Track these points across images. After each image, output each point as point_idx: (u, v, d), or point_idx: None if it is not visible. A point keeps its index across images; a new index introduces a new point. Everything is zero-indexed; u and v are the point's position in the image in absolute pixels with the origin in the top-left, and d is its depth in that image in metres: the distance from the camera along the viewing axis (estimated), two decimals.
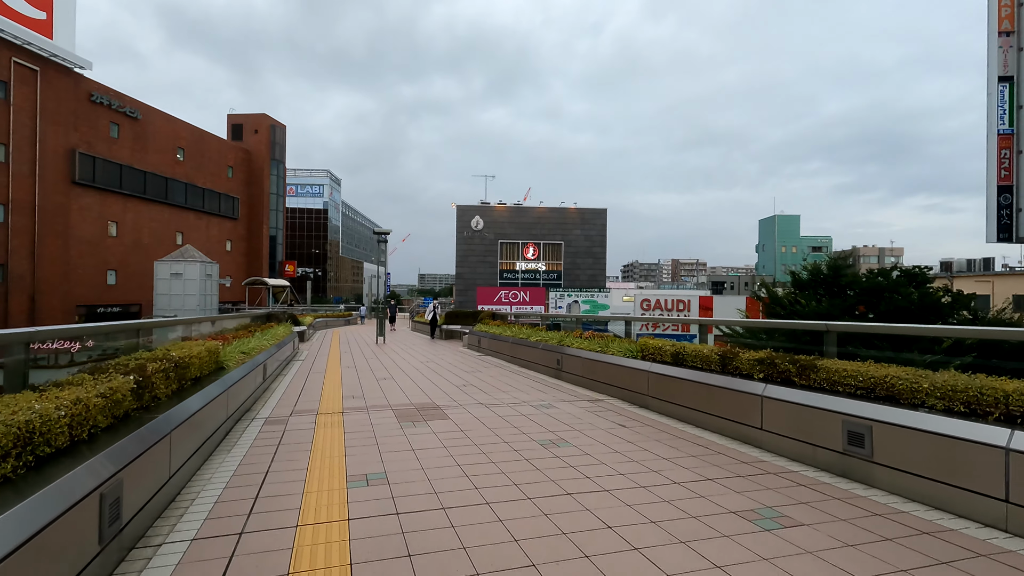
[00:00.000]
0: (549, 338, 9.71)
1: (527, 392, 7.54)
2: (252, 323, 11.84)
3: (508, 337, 11.79)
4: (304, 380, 8.65)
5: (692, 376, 5.65)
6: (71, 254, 34.89)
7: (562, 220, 34.38)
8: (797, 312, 16.71)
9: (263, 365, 7.22)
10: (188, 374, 4.37)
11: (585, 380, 7.89)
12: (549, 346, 9.26)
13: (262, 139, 54.99)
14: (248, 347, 7.04)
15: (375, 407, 6.37)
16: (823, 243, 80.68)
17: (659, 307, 30.86)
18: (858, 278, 17.61)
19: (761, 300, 19.53)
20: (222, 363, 5.61)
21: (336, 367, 10.55)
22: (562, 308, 24.89)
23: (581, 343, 8.42)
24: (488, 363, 11.40)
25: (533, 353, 10.03)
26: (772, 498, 3.40)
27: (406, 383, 8.42)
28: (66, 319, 35.11)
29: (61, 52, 33.81)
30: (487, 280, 32.83)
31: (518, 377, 9.10)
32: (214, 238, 47.29)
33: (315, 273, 74.95)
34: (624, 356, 7.13)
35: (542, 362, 9.53)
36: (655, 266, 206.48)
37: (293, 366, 10.71)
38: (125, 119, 38.71)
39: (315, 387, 7.91)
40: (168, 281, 28.62)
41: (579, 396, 7.20)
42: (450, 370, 10.15)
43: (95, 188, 36.23)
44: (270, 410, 6.12)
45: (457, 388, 7.89)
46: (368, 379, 8.89)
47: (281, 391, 7.50)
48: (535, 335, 10.50)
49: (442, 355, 13.33)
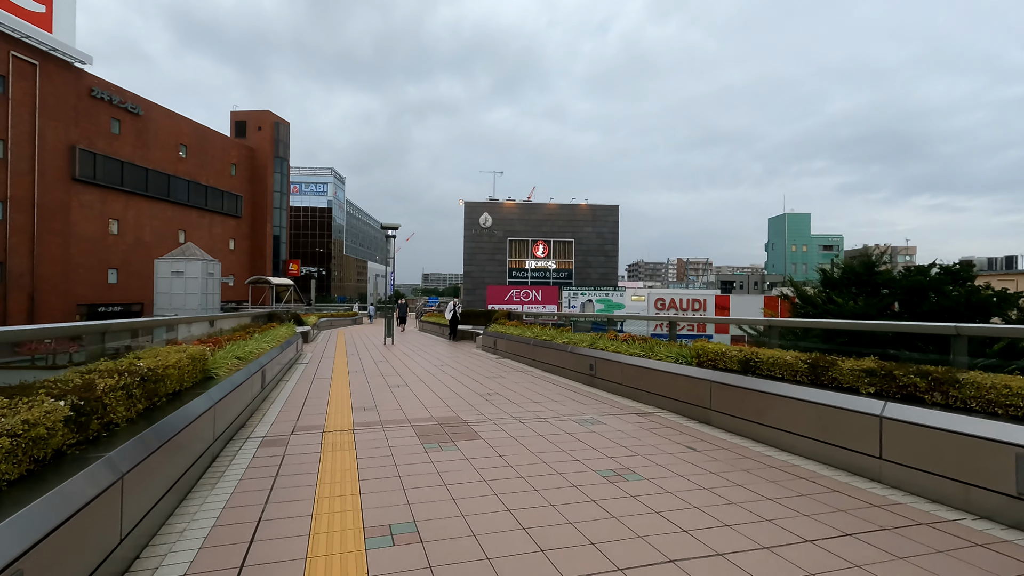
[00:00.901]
0: (578, 340, 8.76)
1: (562, 403, 6.60)
2: (252, 323, 10.96)
3: (529, 339, 10.85)
4: (308, 387, 7.74)
5: (770, 388, 4.69)
6: (71, 252, 34.20)
7: (573, 217, 33.37)
8: (831, 311, 15.70)
9: (262, 371, 6.32)
10: (162, 388, 3.46)
11: (626, 389, 6.95)
12: (580, 350, 8.32)
13: (266, 136, 54.25)
14: (244, 351, 6.13)
15: (391, 422, 5.45)
16: (834, 242, 79.36)
17: (674, 306, 29.85)
18: (894, 276, 16.61)
19: (788, 299, 18.56)
20: (211, 371, 4.71)
21: (343, 372, 9.65)
22: (576, 307, 23.89)
23: (619, 347, 7.47)
24: (508, 367, 10.47)
25: (561, 357, 9.09)
26: (968, 573, 2.45)
27: (423, 392, 7.50)
28: (66, 318, 34.46)
29: (61, 46, 33.11)
30: (496, 278, 31.87)
31: (547, 384, 8.16)
32: (217, 236, 46.58)
33: (319, 272, 74.27)
34: (675, 362, 6.18)
35: (571, 367, 8.59)
36: (660, 265, 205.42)
37: (296, 370, 9.82)
38: (127, 115, 37.99)
39: (320, 396, 7.00)
40: (169, 280, 27.81)
41: (623, 408, 6.26)
42: (469, 375, 9.23)
43: (96, 185, 35.52)
44: (268, 426, 5.21)
45: (481, 398, 6.97)
46: (380, 386, 7.98)
47: (282, 401, 6.59)
48: (560, 336, 9.56)
49: (457, 358, 12.41)
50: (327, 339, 18.92)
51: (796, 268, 79.15)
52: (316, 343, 16.93)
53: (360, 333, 23.10)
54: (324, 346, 15.49)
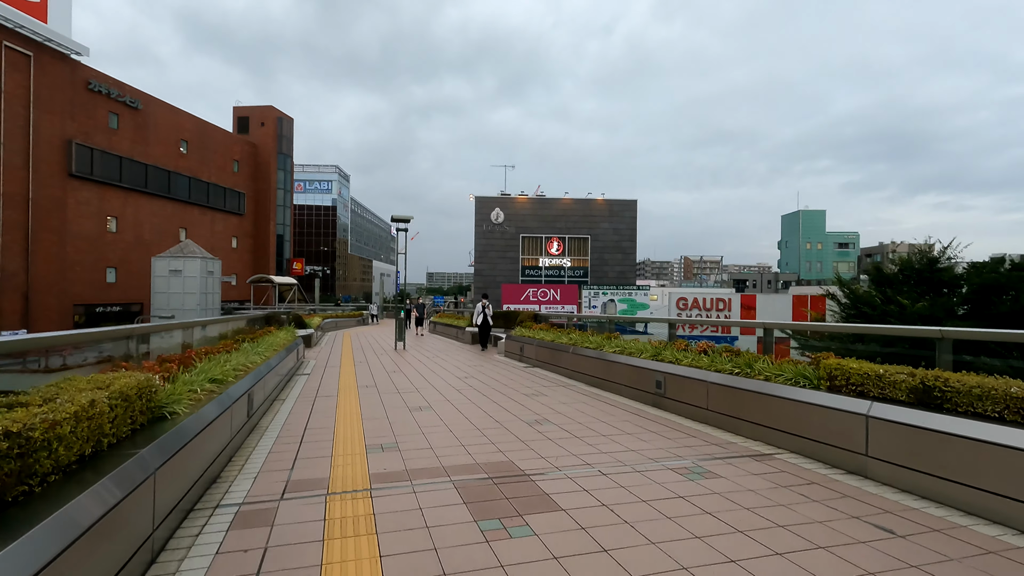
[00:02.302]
0: (635, 349, 7.22)
1: (637, 436, 5.07)
2: (247, 328, 9.49)
3: (566, 346, 9.32)
4: (309, 410, 6.24)
5: (985, 434, 3.16)
6: (68, 251, 32.98)
7: (588, 212, 31.67)
8: (891, 313, 14.09)
9: (248, 396, 4.83)
10: (44, 462, 1.96)
11: (716, 416, 5.41)
12: (642, 362, 6.77)
13: (269, 132, 52.97)
14: (223, 369, 4.64)
15: (422, 474, 3.93)
16: (850, 239, 77.33)
17: (697, 306, 28.24)
18: (959, 273, 15.04)
19: (834, 299, 17.03)
20: (165, 409, 3.21)
21: (351, 386, 8.15)
22: (596, 308, 22.29)
23: (697, 360, 5.93)
24: (544, 380, 8.95)
25: (611, 369, 7.56)
26: None
27: (453, 417, 5.98)
28: (62, 319, 33.30)
29: (56, 37, 31.85)
30: (508, 277, 30.28)
31: (601, 405, 6.64)
32: (219, 234, 45.33)
33: (324, 271, 73.02)
34: (793, 384, 4.64)
35: (629, 382, 7.05)
36: (667, 264, 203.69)
37: (296, 384, 8.34)
38: (125, 109, 36.73)
39: (324, 424, 5.50)
40: (167, 279, 26.49)
41: (724, 446, 4.72)
42: (502, 391, 7.71)
43: (93, 181, 34.29)
44: (250, 481, 3.71)
45: (529, 427, 5.44)
46: (397, 408, 6.47)
47: (274, 433, 5.09)
48: (609, 344, 8.01)
49: (481, 367, 10.90)
50: (332, 343, 17.46)
51: (811, 266, 77.16)
52: (320, 347, 15.47)
53: (367, 336, 21.63)
54: (329, 352, 14.02)
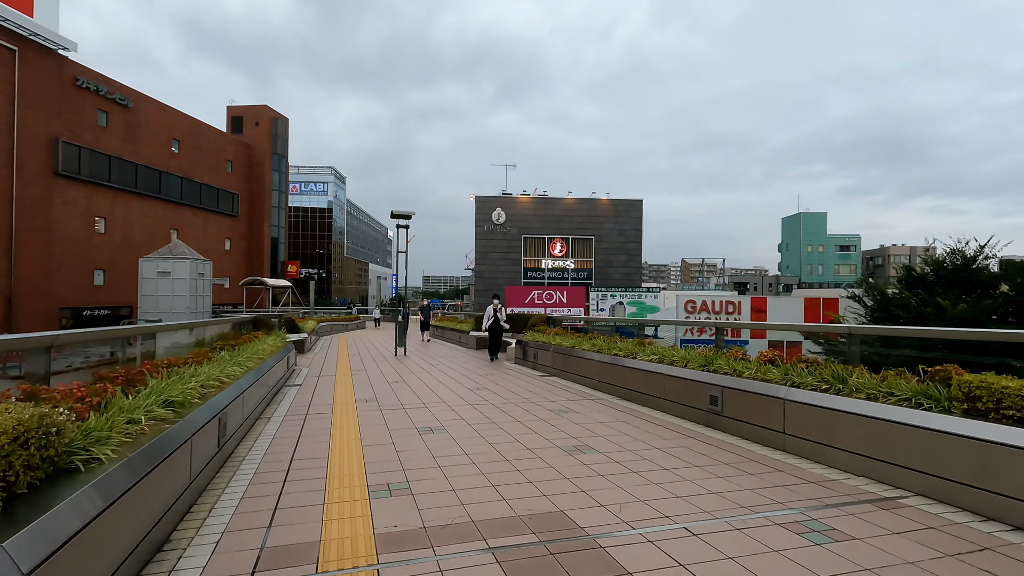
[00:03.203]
0: (680, 358, 6.21)
1: (709, 470, 4.05)
2: (231, 332, 8.45)
3: (590, 353, 8.30)
4: (296, 437, 5.18)
5: None
6: (53, 252, 31.78)
7: (592, 212, 30.70)
8: (928, 315, 13.14)
9: (216, 422, 3.80)
10: None
11: (795, 442, 4.40)
12: (691, 374, 5.76)
13: (263, 132, 51.88)
14: (186, 387, 3.61)
15: (445, 532, 2.90)
16: (851, 242, 76.72)
17: (706, 309, 27.26)
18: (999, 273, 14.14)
19: (860, 302, 16.10)
20: (76, 457, 2.19)
21: (348, 401, 7.12)
22: (604, 310, 21.30)
23: (766, 372, 4.93)
24: (567, 391, 7.94)
25: (650, 381, 6.54)
26: None
27: (474, 444, 4.94)
28: (48, 322, 32.03)
29: (42, 31, 30.74)
30: (510, 279, 29.26)
31: (644, 424, 5.63)
32: (212, 236, 44.14)
33: (319, 274, 71.83)
34: (905, 405, 3.65)
35: (674, 397, 6.04)
36: (663, 267, 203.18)
37: (284, 398, 7.29)
38: (114, 106, 35.60)
39: (315, 457, 4.46)
40: (155, 281, 25.28)
41: (824, 484, 3.71)
42: (524, 408, 6.69)
43: (80, 180, 33.13)
44: (207, 553, 2.66)
45: (571, 457, 4.41)
46: (404, 431, 5.44)
47: (250, 471, 4.04)
48: (644, 352, 7.01)
49: (492, 376, 9.87)
50: (327, 348, 16.40)
51: (812, 269, 76.49)
52: (314, 353, 14.41)
53: (364, 340, 20.55)
54: (323, 358, 12.97)
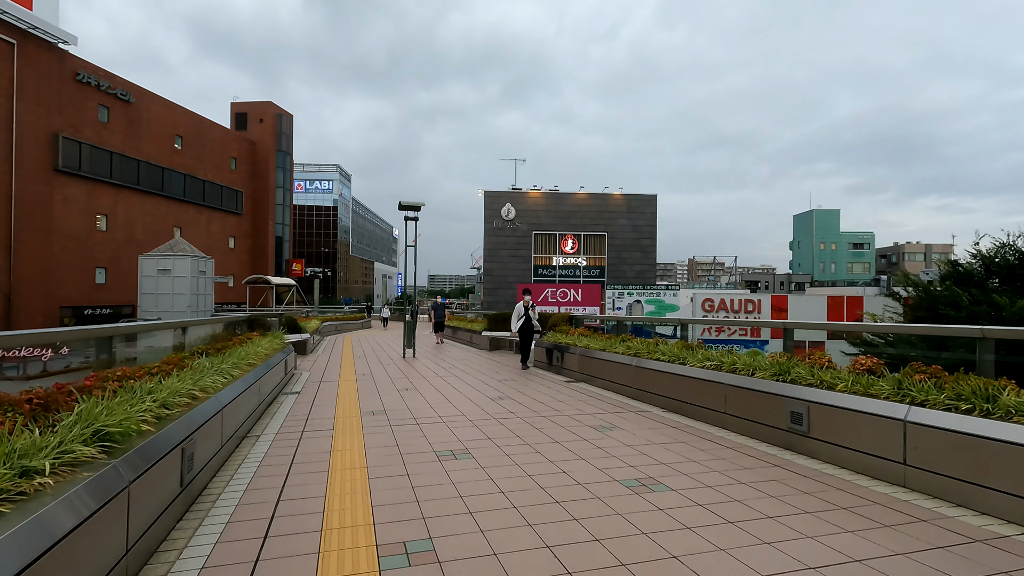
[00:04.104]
0: (745, 365, 5.31)
1: (828, 519, 3.20)
2: (223, 334, 7.64)
3: (625, 358, 7.42)
4: (287, 465, 4.28)
5: None
6: (54, 250, 31.20)
7: (605, 208, 29.76)
8: (981, 314, 12.14)
9: (178, 453, 2.97)
10: None
11: (928, 478, 3.51)
12: (762, 384, 4.86)
13: (268, 129, 51.22)
14: (134, 411, 2.77)
15: None
16: (865, 239, 75.25)
17: (724, 307, 26.31)
18: None
19: (899, 299, 15.10)
20: None
21: (352, 414, 6.30)
22: (621, 309, 20.42)
23: (871, 384, 4.02)
24: (601, 401, 7.09)
25: (707, 392, 5.65)
26: None
27: (510, 477, 4.08)
28: (48, 321, 31.46)
29: (42, 24, 30.11)
30: (520, 276, 28.39)
31: (708, 446, 4.77)
32: (216, 234, 43.54)
33: (324, 273, 71.26)
34: None
35: (739, 411, 5.14)
36: (670, 266, 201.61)
37: (280, 409, 6.48)
38: (116, 102, 34.96)
39: (309, 497, 3.63)
40: (155, 279, 24.61)
41: (994, 542, 2.85)
42: (558, 422, 5.85)
43: (81, 177, 32.53)
44: None
45: (640, 499, 3.56)
46: (420, 456, 4.60)
47: (220, 522, 3.17)
48: (694, 356, 6.12)
49: (513, 382, 9.02)
50: (330, 349, 15.62)
51: (824, 267, 75.12)
52: (317, 355, 13.63)
53: (370, 340, 19.76)
54: (326, 361, 12.17)
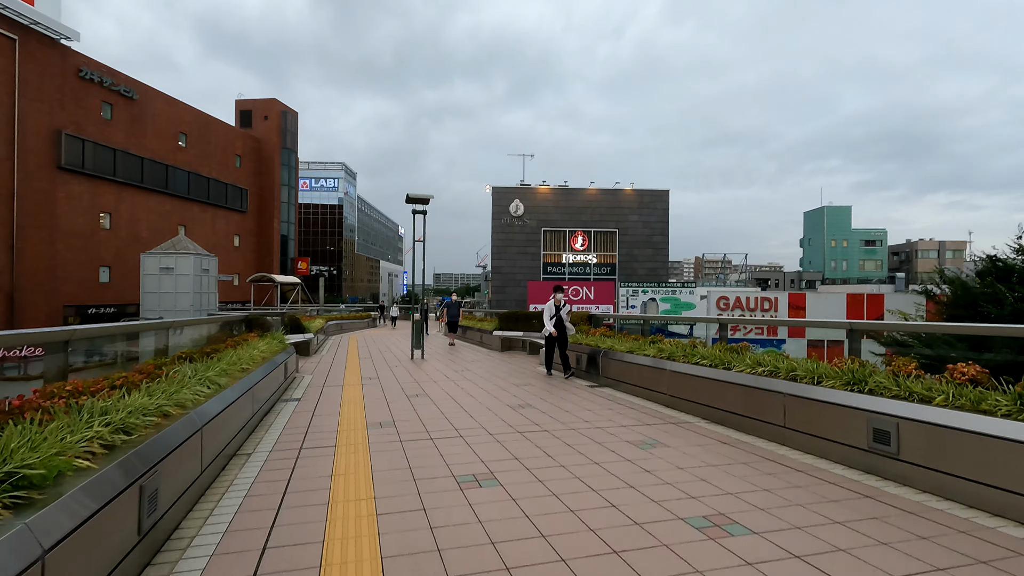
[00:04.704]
0: (804, 372, 4.62)
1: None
2: (218, 335, 7.03)
3: (660, 361, 6.75)
4: (277, 503, 3.56)
5: None
6: (57, 248, 30.84)
7: (616, 204, 29.02)
8: None
9: (132, 496, 2.34)
10: None
11: None
12: (834, 395, 4.18)
13: (272, 126, 50.81)
14: (63, 447, 2.14)
15: None
16: (877, 236, 73.98)
17: (739, 306, 25.56)
18: None
19: (933, 297, 14.26)
20: None
21: (357, 426, 5.66)
22: (635, 307, 19.77)
23: (991, 399, 3.33)
24: (633, 410, 6.42)
25: (767, 404, 4.97)
26: None
27: (549, 514, 3.41)
28: (52, 320, 31.10)
29: (44, 20, 29.71)
30: (528, 274, 27.74)
31: (779, 469, 4.10)
32: (220, 232, 43.15)
33: (330, 271, 70.91)
34: None
35: (804, 427, 4.47)
36: (676, 264, 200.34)
37: (276, 419, 5.86)
38: (120, 99, 34.56)
39: (303, 544, 3.00)
40: (157, 277, 24.17)
41: None
42: (592, 437, 5.19)
43: (85, 175, 32.14)
44: None
45: (714, 545, 2.89)
46: (438, 483, 3.96)
47: None
48: (740, 361, 5.44)
49: (534, 390, 8.35)
50: (335, 349, 15.03)
51: (836, 264, 73.91)
52: (321, 356, 13.04)
53: (377, 341, 19.18)
54: (331, 362, 11.58)
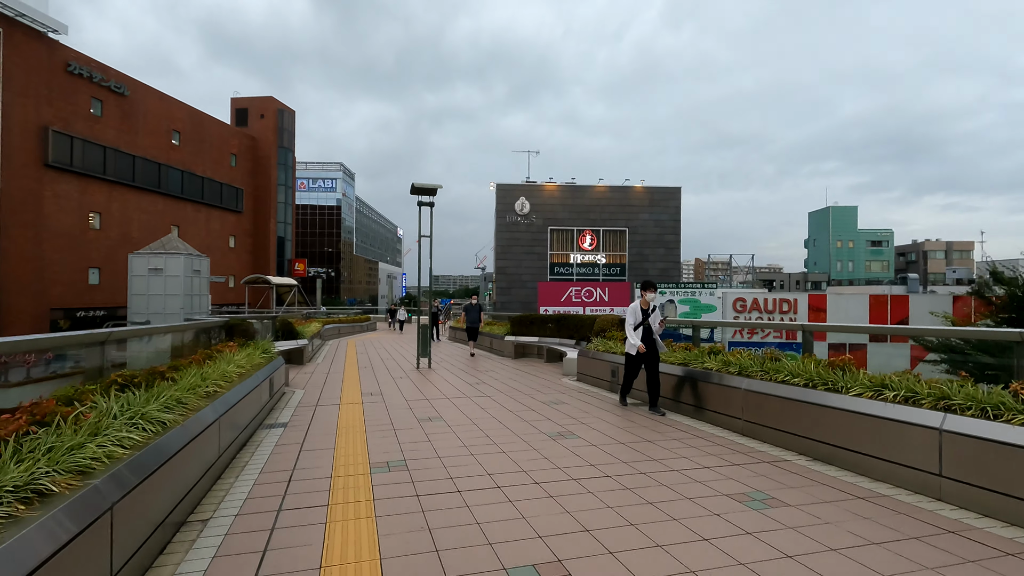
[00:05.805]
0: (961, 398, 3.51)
1: None
2: (192, 343, 5.90)
3: (728, 378, 5.64)
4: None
5: None
6: (44, 249, 29.62)
7: (625, 202, 27.93)
8: None
9: None
10: None
11: None
12: (1009, 433, 3.09)
13: (269, 125, 49.65)
14: None
15: None
16: (883, 237, 72.98)
17: (756, 307, 24.41)
18: None
19: (985, 299, 13.17)
20: None
21: (358, 469, 4.54)
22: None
23: None
24: (702, 440, 5.32)
25: (906, 442, 3.86)
26: None
27: None
28: (38, 323, 29.87)
29: (30, 12, 28.53)
30: (535, 275, 26.63)
31: (962, 548, 3.02)
32: (215, 233, 41.95)
33: (327, 273, 69.69)
34: None
35: (980, 480, 3.35)
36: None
37: (252, 458, 4.73)
38: (110, 95, 33.37)
39: None
40: (146, 278, 22.96)
41: None
42: (671, 486, 4.09)
43: (73, 172, 30.93)
44: None
45: None
46: (474, 571, 2.84)
47: None
48: (854, 382, 4.34)
49: (566, 408, 7.22)
50: (332, 356, 13.89)
51: (841, 266, 72.92)
52: (316, 364, 11.90)
53: (378, 346, 18.03)
54: (326, 373, 10.44)
